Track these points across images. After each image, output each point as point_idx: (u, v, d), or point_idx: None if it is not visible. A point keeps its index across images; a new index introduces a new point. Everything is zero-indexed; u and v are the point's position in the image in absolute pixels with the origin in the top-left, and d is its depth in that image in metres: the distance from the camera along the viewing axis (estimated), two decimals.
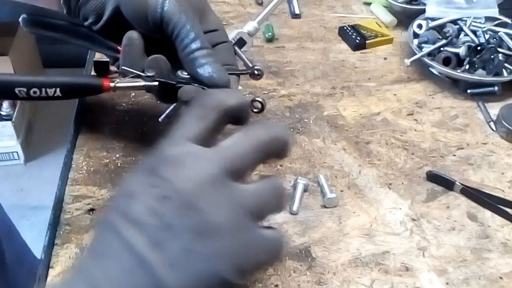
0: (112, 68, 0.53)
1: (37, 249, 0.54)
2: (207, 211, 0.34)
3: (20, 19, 0.57)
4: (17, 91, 0.45)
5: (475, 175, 0.63)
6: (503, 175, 0.63)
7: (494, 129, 0.70)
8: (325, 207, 0.58)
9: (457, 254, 0.54)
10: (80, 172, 0.61)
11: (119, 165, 0.62)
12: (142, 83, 0.49)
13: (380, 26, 0.88)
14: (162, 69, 0.51)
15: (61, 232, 0.55)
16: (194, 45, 0.51)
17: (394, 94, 0.75)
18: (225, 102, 0.40)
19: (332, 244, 0.55)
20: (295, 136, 0.67)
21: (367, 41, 0.85)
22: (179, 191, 0.34)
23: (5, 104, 1.61)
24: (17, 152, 1.78)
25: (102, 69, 0.46)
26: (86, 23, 0.55)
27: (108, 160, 0.63)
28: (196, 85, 0.51)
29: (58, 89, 0.45)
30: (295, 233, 0.55)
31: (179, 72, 0.52)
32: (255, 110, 0.51)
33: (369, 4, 0.95)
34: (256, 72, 0.57)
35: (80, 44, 0.61)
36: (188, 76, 0.52)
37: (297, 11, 0.93)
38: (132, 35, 0.53)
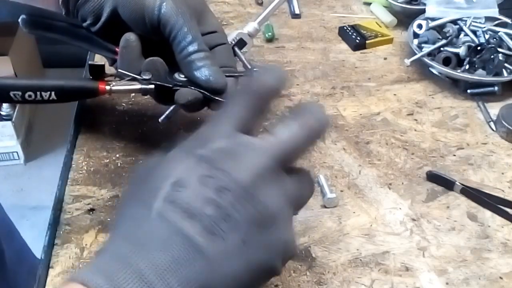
0: (110, 70, 0.53)
1: (37, 249, 0.54)
2: (265, 203, 0.35)
3: (19, 20, 0.57)
4: (12, 95, 0.45)
5: (475, 175, 0.63)
6: (503, 175, 0.63)
7: (494, 129, 0.70)
8: (325, 207, 0.58)
9: (457, 254, 0.54)
10: (80, 172, 0.61)
11: (119, 165, 0.62)
12: (138, 86, 0.49)
13: (380, 26, 0.88)
14: (159, 71, 0.51)
15: (61, 232, 0.55)
16: (191, 48, 0.50)
17: (394, 94, 0.75)
18: (267, 85, 0.39)
19: (332, 244, 0.55)
20: None
21: (367, 41, 0.85)
22: (238, 183, 0.35)
23: (5, 104, 1.61)
24: (17, 152, 1.78)
25: (97, 72, 0.46)
26: (84, 24, 0.55)
27: (108, 160, 0.63)
28: (193, 88, 0.50)
29: (53, 93, 0.45)
30: (295, 233, 0.55)
31: (176, 75, 0.52)
32: None
33: (369, 4, 0.95)
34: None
35: (78, 45, 0.61)
36: (185, 79, 0.51)
37: (297, 11, 0.93)
38: (130, 37, 0.53)
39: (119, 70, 0.50)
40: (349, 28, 0.87)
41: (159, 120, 0.59)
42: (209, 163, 0.35)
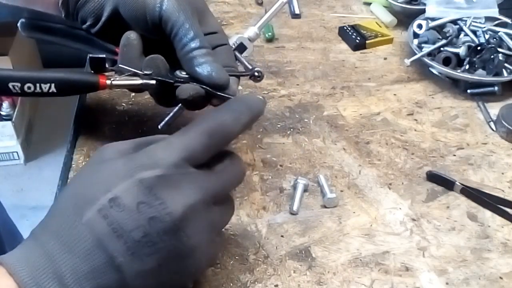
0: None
1: None
2: (189, 237, 0.39)
3: (18, 24, 0.56)
4: (10, 86, 0.44)
5: (475, 175, 0.63)
6: (503, 175, 0.63)
7: (494, 129, 0.70)
8: (325, 207, 0.58)
9: (457, 254, 0.54)
10: None
11: None
12: (140, 81, 0.48)
13: (380, 26, 0.88)
14: (160, 68, 0.51)
15: None
16: (193, 44, 0.50)
17: (394, 94, 0.75)
18: (229, 129, 0.43)
19: (332, 244, 0.55)
20: (295, 136, 0.67)
21: (367, 41, 0.85)
22: (171, 216, 0.38)
23: (5, 104, 1.61)
24: (17, 152, 1.78)
25: (98, 65, 0.46)
26: (84, 26, 0.55)
27: None
28: (194, 84, 0.50)
29: (53, 85, 0.44)
30: (295, 233, 0.55)
31: (177, 72, 0.52)
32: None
33: (369, 4, 0.95)
34: (256, 74, 0.56)
35: (78, 47, 0.61)
36: (186, 76, 0.51)
37: (297, 11, 0.93)
38: (130, 35, 0.53)
39: (119, 65, 0.49)
40: (349, 28, 0.87)
41: (159, 126, 0.59)
42: (149, 189, 0.38)
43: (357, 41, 0.84)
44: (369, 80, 0.78)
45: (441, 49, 0.78)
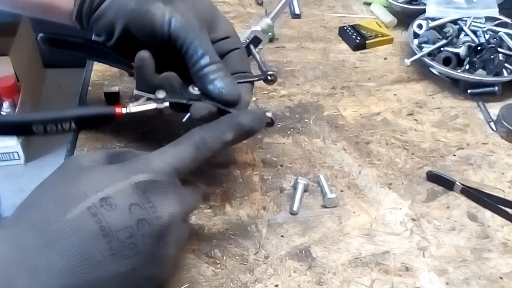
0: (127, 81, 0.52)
1: None
2: (166, 244, 0.41)
3: (38, 38, 0.57)
4: (34, 129, 0.46)
5: (475, 175, 0.63)
6: (503, 175, 0.63)
7: (494, 129, 0.70)
8: (325, 207, 0.58)
9: (457, 254, 0.54)
10: None
11: None
12: (154, 105, 0.49)
13: (380, 26, 0.88)
14: (174, 86, 0.51)
15: None
16: (203, 62, 0.50)
17: (394, 94, 0.75)
18: (211, 146, 0.45)
19: (332, 244, 0.55)
20: (295, 136, 0.67)
21: (367, 41, 0.85)
22: (158, 219, 0.40)
23: (5, 104, 1.61)
24: (17, 152, 1.78)
25: (112, 99, 0.47)
26: (100, 40, 0.55)
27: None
28: (207, 101, 0.50)
29: (73, 123, 0.46)
30: (295, 233, 0.55)
31: (190, 88, 0.52)
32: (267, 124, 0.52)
33: (369, 4, 0.95)
34: (269, 77, 0.56)
35: (97, 60, 0.61)
36: (199, 92, 0.52)
37: (297, 11, 0.93)
38: (144, 56, 0.52)
39: (134, 91, 0.50)
40: (349, 28, 0.87)
41: (183, 120, 0.59)
42: (142, 192, 0.40)
43: (357, 41, 0.84)
44: (369, 80, 0.78)
45: (441, 49, 0.78)
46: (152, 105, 0.49)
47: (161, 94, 0.50)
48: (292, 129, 0.68)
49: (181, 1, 0.52)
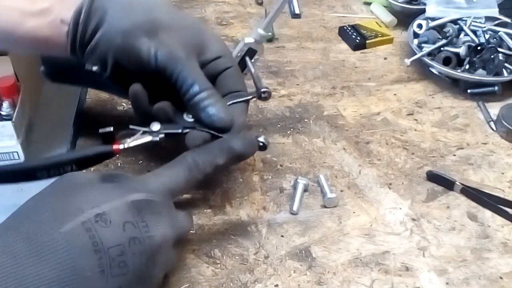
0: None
1: None
2: (155, 265, 0.41)
3: (40, 71, 0.58)
4: (38, 175, 0.48)
5: (475, 175, 0.63)
6: (503, 175, 0.63)
7: (494, 129, 0.70)
8: (325, 207, 0.58)
9: (457, 254, 0.54)
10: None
11: (119, 165, 0.62)
12: (150, 138, 0.50)
13: (380, 26, 0.88)
14: (168, 115, 0.52)
15: None
16: (192, 90, 0.50)
17: (394, 94, 0.75)
18: (203, 170, 0.46)
19: (332, 244, 0.55)
20: (295, 136, 0.67)
21: (367, 41, 0.85)
22: (150, 238, 0.40)
23: (5, 104, 1.60)
24: (17, 152, 1.78)
25: (108, 138, 0.49)
26: (96, 71, 0.55)
27: (108, 160, 0.62)
28: (200, 129, 0.51)
29: (74, 165, 0.48)
30: (295, 233, 0.55)
31: (184, 115, 0.52)
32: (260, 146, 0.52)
33: (369, 4, 0.95)
34: (263, 95, 0.56)
35: (100, 90, 0.62)
36: (192, 120, 0.52)
37: (297, 11, 0.93)
38: (136, 90, 0.52)
39: (129, 126, 0.50)
40: (349, 28, 0.87)
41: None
42: (137, 211, 0.40)
43: (357, 41, 0.84)
44: (369, 80, 0.78)
45: (441, 49, 0.78)
46: (148, 138, 0.50)
47: (155, 127, 0.50)
48: (292, 129, 0.68)
49: (166, 32, 0.51)
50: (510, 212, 0.58)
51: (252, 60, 0.63)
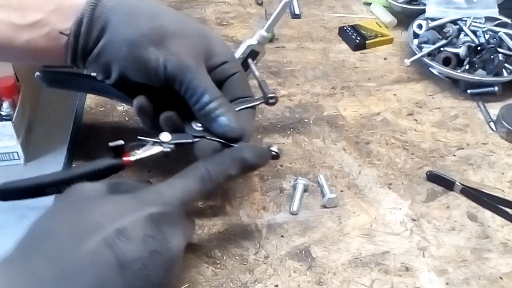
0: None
1: None
2: (173, 276, 0.42)
3: (35, 76, 0.56)
4: (48, 191, 0.47)
5: (475, 175, 0.63)
6: (503, 175, 0.63)
7: (494, 129, 0.70)
8: (325, 207, 0.58)
9: (457, 254, 0.54)
10: None
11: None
12: (160, 149, 0.49)
13: (380, 26, 0.88)
14: (176, 124, 0.51)
15: None
16: (203, 100, 0.50)
17: (394, 94, 0.75)
18: (217, 180, 0.46)
19: (332, 244, 0.55)
20: (295, 136, 0.67)
21: (367, 41, 0.85)
22: (170, 250, 0.41)
23: (5, 104, 1.60)
24: (17, 152, 1.78)
25: (118, 151, 0.48)
26: (98, 78, 0.54)
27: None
28: (210, 138, 0.50)
29: (84, 180, 0.46)
30: (295, 233, 0.55)
31: (193, 124, 0.52)
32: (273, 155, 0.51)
33: (369, 4, 0.95)
34: (270, 100, 0.55)
35: (98, 95, 0.61)
36: (201, 128, 0.51)
37: (297, 11, 0.93)
38: (142, 103, 0.52)
39: (138, 137, 0.49)
40: (349, 28, 0.87)
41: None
42: (155, 224, 0.40)
43: (357, 41, 0.84)
44: (369, 80, 0.78)
45: (441, 49, 0.78)
46: (158, 149, 0.49)
47: (165, 137, 0.49)
48: (292, 129, 0.68)
49: (173, 40, 0.50)
50: (510, 212, 0.58)
51: (255, 61, 0.63)
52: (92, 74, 0.54)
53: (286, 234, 0.55)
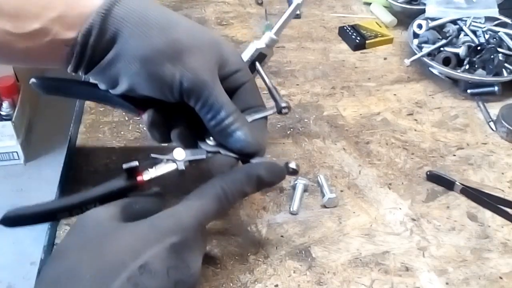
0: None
1: (37, 249, 0.55)
2: None
3: (30, 83, 0.54)
4: (59, 216, 0.47)
5: (475, 175, 0.63)
6: (503, 175, 0.63)
7: (494, 129, 0.70)
8: (325, 207, 0.58)
9: (457, 254, 0.54)
10: (80, 172, 0.62)
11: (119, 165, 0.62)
12: (174, 166, 0.47)
13: (380, 26, 0.88)
14: (188, 139, 0.50)
15: (61, 232, 0.55)
16: (220, 116, 0.48)
17: (394, 94, 0.75)
18: (233, 199, 0.45)
19: (332, 244, 0.55)
20: (295, 136, 0.67)
21: (367, 41, 0.85)
22: (193, 276, 0.41)
23: (5, 104, 1.60)
24: (17, 152, 1.78)
25: (132, 172, 0.46)
26: (101, 87, 0.51)
27: (108, 160, 0.63)
28: (225, 153, 0.49)
29: (97, 203, 0.45)
30: (295, 233, 0.55)
31: (206, 139, 0.50)
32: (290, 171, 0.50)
33: (369, 4, 0.95)
34: (283, 110, 0.54)
35: (97, 102, 0.60)
36: (214, 143, 0.50)
37: (297, 11, 0.92)
38: (153, 118, 0.50)
39: (151, 155, 0.48)
40: (349, 28, 0.87)
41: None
42: (176, 253, 0.40)
43: (357, 41, 0.84)
44: (369, 80, 0.78)
45: (441, 49, 0.78)
46: (172, 166, 0.47)
47: (179, 154, 0.47)
48: (292, 129, 0.68)
49: (188, 54, 0.47)
50: (510, 212, 0.58)
51: (262, 63, 0.62)
52: (92, 81, 0.52)
53: (286, 234, 0.55)
